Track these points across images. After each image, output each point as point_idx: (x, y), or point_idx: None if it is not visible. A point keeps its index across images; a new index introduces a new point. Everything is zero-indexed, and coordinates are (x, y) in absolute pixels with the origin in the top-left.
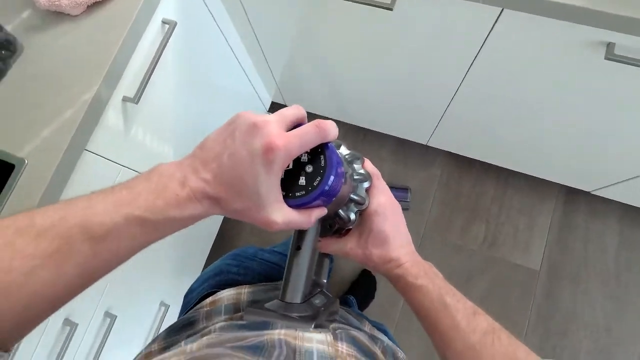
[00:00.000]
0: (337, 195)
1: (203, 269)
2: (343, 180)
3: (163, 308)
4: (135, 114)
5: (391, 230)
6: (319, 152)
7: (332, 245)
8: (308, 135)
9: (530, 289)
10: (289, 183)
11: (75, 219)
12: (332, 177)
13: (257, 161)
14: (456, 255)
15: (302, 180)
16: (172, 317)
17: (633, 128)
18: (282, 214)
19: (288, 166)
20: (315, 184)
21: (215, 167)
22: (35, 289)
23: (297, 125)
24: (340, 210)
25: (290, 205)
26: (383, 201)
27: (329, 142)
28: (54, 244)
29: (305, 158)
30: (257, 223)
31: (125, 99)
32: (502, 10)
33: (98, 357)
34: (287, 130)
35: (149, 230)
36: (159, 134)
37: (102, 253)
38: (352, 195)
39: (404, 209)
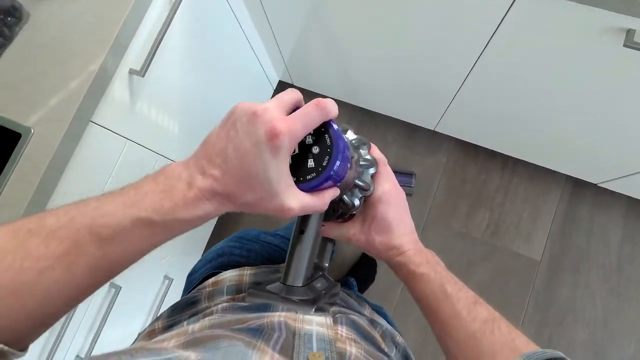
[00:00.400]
0: (346, 174)
1: (206, 247)
2: (349, 157)
3: (167, 281)
4: (142, 87)
5: (395, 218)
6: (322, 131)
7: (336, 230)
8: (310, 116)
9: (530, 279)
10: (297, 168)
11: (84, 220)
12: (340, 154)
13: (263, 148)
14: (459, 241)
15: (310, 163)
16: (175, 291)
17: None
18: (296, 199)
19: (294, 151)
20: (324, 164)
21: (221, 162)
22: (47, 289)
23: (295, 108)
24: (344, 196)
25: (302, 190)
26: (388, 188)
27: (330, 120)
28: (63, 245)
29: (310, 140)
30: (272, 212)
31: (131, 72)
32: None
33: (101, 328)
34: (287, 114)
35: (157, 231)
36: (165, 108)
37: (110, 254)
38: (357, 181)
39: (408, 194)
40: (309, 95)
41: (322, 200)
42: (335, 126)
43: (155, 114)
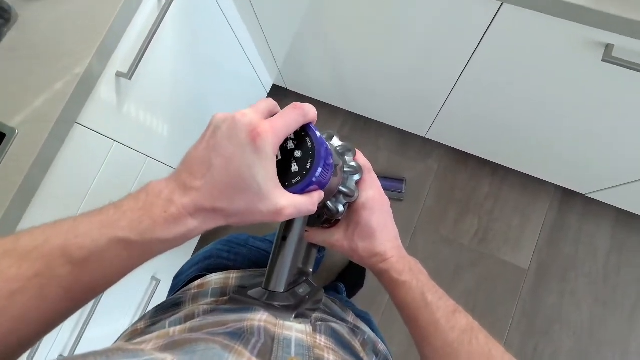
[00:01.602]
0: (331, 175)
1: (195, 249)
2: (332, 158)
3: (154, 282)
4: (129, 90)
5: (378, 225)
6: (303, 135)
7: (319, 236)
8: (289, 116)
9: (517, 286)
10: (282, 173)
11: (58, 240)
12: (323, 156)
13: (247, 150)
14: (447, 247)
15: (294, 167)
16: (162, 292)
17: (628, 133)
18: (287, 199)
19: (278, 157)
20: (308, 166)
21: (204, 172)
22: (18, 313)
23: (272, 116)
24: (328, 202)
25: None
26: (372, 195)
27: (310, 124)
28: (35, 266)
29: (291, 145)
30: (266, 217)
31: (119, 74)
32: (501, 4)
33: (86, 327)
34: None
35: (135, 252)
36: (154, 111)
37: (84, 277)
38: (341, 187)
39: (399, 200)
40: (302, 99)
41: (311, 200)
42: (315, 130)
43: (143, 116)
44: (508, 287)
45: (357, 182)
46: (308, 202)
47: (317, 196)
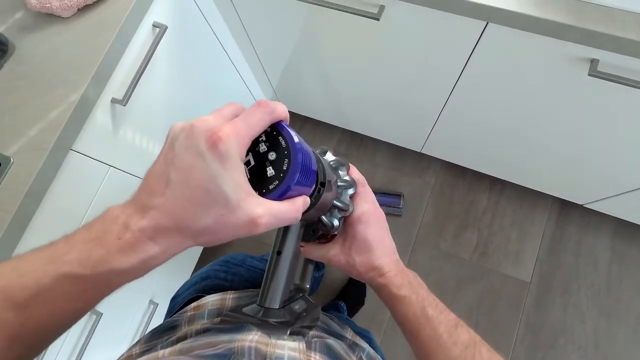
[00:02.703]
0: (314, 178)
1: (194, 270)
2: (313, 159)
3: (152, 306)
4: (124, 116)
5: (374, 238)
6: (275, 135)
7: (316, 251)
8: (253, 116)
9: (520, 301)
10: (257, 180)
11: (0, 282)
12: (299, 154)
13: (208, 158)
14: (447, 263)
15: (270, 171)
16: (160, 315)
17: (619, 143)
18: (263, 208)
19: (250, 163)
20: (285, 167)
21: (163, 189)
22: None
23: None
24: (323, 217)
25: None
26: (367, 208)
27: (281, 122)
28: None
29: (264, 148)
30: (240, 231)
31: (113, 101)
32: (486, 24)
33: (82, 355)
34: None
35: (88, 288)
36: (149, 136)
37: (31, 321)
38: (335, 202)
39: (396, 215)
40: (297, 118)
41: (294, 206)
42: (290, 129)
43: (139, 141)
44: (511, 301)
45: (352, 196)
46: (290, 209)
47: (302, 202)
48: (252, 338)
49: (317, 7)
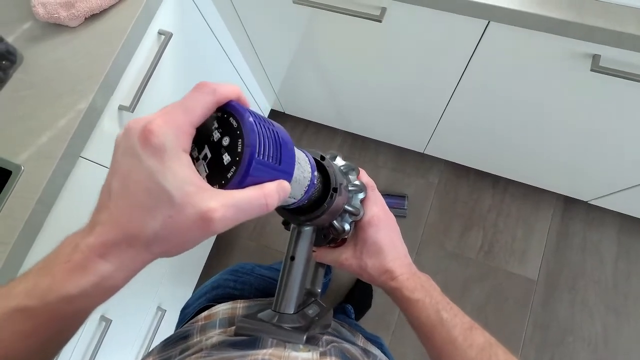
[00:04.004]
0: (287, 151)
1: (200, 277)
2: (277, 132)
3: (160, 313)
4: None
5: (385, 241)
6: (226, 117)
7: (327, 256)
8: (190, 99)
9: (527, 299)
10: (218, 173)
11: None
12: (253, 131)
13: (143, 157)
14: (453, 262)
15: (226, 158)
16: (168, 322)
17: (622, 139)
18: (216, 200)
19: (207, 157)
20: (239, 150)
21: (106, 201)
22: None
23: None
24: (334, 221)
25: None
26: (377, 212)
27: (231, 102)
28: None
29: (217, 135)
30: (194, 233)
31: (121, 108)
32: (488, 23)
33: None
34: None
35: (38, 322)
36: None
37: None
38: (346, 206)
39: (401, 216)
40: (300, 123)
41: (262, 191)
42: (240, 107)
43: None
44: (518, 299)
45: (362, 201)
46: (255, 196)
47: (274, 187)
48: (266, 352)
49: (319, 10)
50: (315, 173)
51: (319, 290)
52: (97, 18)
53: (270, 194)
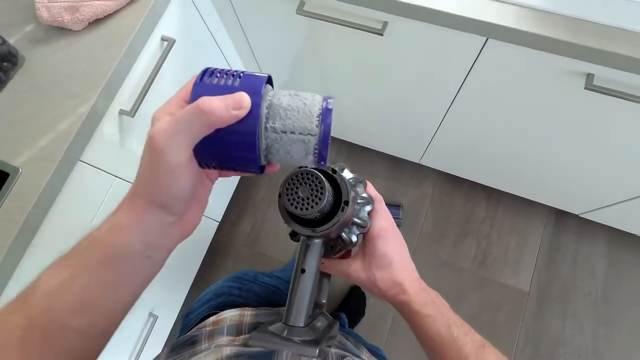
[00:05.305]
0: (245, 76)
1: (193, 283)
2: (234, 71)
3: (152, 319)
4: (132, 127)
5: (394, 254)
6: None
7: (336, 267)
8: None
9: (519, 310)
10: None
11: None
12: (208, 68)
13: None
14: (447, 272)
15: None
16: (160, 328)
17: (614, 155)
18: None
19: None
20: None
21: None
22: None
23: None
24: (342, 233)
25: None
26: (385, 225)
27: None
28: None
29: None
30: (148, 156)
31: (122, 112)
32: (486, 39)
33: None
34: None
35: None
36: None
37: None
38: (355, 218)
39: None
40: None
41: (196, 102)
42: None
43: None
44: (510, 310)
45: (369, 213)
46: (192, 105)
47: (220, 98)
48: None
49: (322, 22)
50: (330, 101)
51: (325, 302)
52: (101, 22)
53: (205, 101)
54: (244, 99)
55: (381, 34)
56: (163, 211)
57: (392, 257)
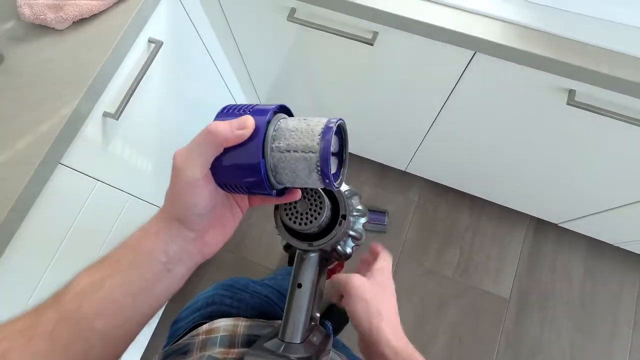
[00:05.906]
0: (256, 107)
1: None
2: (247, 105)
3: None
4: (115, 130)
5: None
6: None
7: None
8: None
9: (500, 317)
10: None
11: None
12: (226, 105)
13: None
14: (430, 280)
15: None
16: (144, 335)
17: (593, 168)
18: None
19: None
20: None
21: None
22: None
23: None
24: (338, 245)
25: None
26: (387, 266)
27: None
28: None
29: None
30: (174, 178)
31: (105, 115)
32: (474, 53)
33: None
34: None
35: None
36: (139, 150)
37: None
38: (350, 231)
39: (381, 232)
40: None
41: (214, 125)
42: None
43: (128, 155)
44: (492, 317)
45: (364, 225)
46: (203, 129)
47: (227, 122)
48: None
49: (312, 30)
50: (333, 120)
51: (318, 315)
52: (87, 22)
53: (213, 124)
54: (247, 121)
55: (371, 44)
56: (182, 225)
57: (388, 288)
